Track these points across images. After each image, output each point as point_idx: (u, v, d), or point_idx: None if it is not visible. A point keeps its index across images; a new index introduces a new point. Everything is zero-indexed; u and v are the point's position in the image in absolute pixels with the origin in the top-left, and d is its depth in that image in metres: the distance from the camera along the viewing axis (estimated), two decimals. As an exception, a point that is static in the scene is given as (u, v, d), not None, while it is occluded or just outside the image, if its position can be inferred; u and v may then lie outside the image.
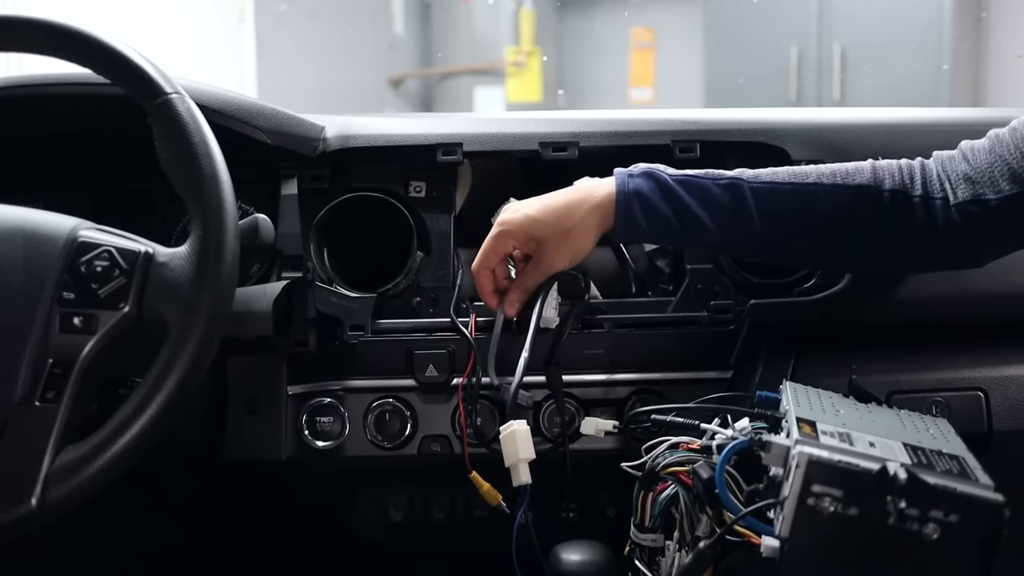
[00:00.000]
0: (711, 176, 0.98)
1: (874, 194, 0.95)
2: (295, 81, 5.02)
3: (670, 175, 0.98)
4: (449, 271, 1.16)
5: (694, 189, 0.97)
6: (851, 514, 0.70)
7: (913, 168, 0.97)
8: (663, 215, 0.96)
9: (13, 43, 0.90)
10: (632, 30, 5.96)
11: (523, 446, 1.01)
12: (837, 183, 0.96)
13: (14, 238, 0.85)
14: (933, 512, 0.69)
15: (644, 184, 0.97)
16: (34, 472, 0.78)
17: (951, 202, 0.94)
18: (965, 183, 0.93)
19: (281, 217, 1.14)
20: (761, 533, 0.75)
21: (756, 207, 0.96)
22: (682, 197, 0.96)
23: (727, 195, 0.96)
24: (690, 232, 0.97)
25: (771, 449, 0.74)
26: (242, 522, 1.39)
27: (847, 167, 0.97)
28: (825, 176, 0.97)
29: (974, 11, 4.53)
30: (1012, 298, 1.15)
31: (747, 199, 0.96)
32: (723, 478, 0.78)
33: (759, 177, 0.98)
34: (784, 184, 0.97)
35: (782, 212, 0.96)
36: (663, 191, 0.97)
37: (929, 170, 0.97)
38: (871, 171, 0.97)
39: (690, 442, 0.87)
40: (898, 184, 0.96)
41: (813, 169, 0.98)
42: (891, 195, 0.95)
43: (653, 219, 0.97)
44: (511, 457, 1.01)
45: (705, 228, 0.96)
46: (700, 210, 0.96)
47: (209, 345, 0.82)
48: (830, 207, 0.96)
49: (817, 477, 0.70)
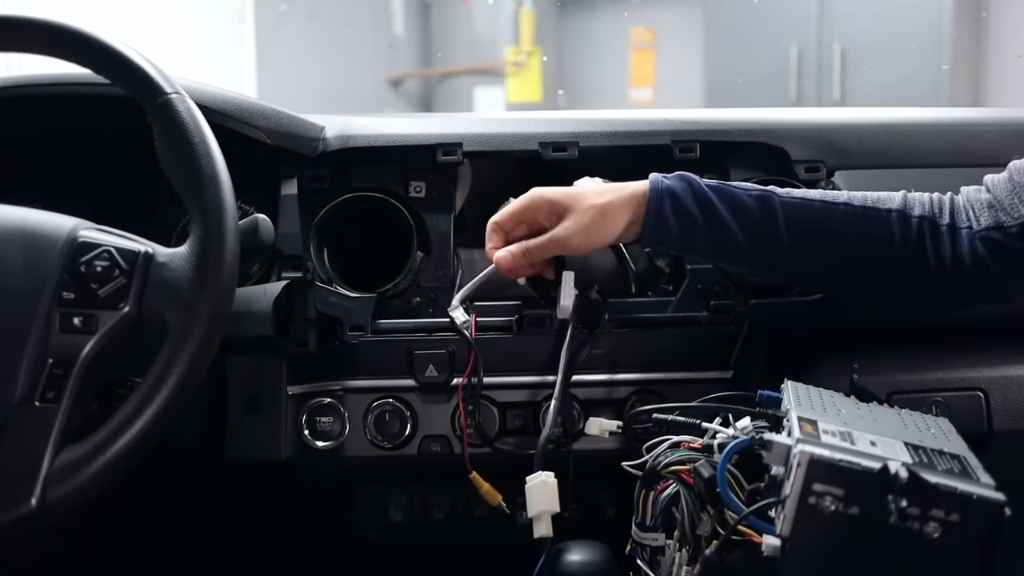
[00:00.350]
0: (743, 187, 0.99)
1: (903, 220, 0.96)
2: (295, 81, 5.02)
3: (704, 181, 0.99)
4: (449, 271, 1.16)
5: (726, 196, 0.97)
6: (852, 513, 0.70)
7: (943, 200, 0.98)
8: (693, 217, 0.97)
9: (13, 43, 0.90)
10: (632, 30, 5.96)
11: (550, 498, 0.99)
12: (867, 206, 0.97)
13: (14, 238, 0.85)
14: (934, 511, 0.69)
15: (677, 185, 0.98)
16: (34, 472, 0.78)
17: (975, 229, 0.95)
18: (988, 210, 0.95)
19: (281, 217, 1.14)
20: (762, 532, 0.75)
21: (785, 221, 0.97)
22: (713, 202, 0.97)
23: (757, 206, 0.97)
24: (718, 240, 0.97)
25: (772, 448, 0.74)
26: (242, 522, 1.39)
27: (879, 194, 0.99)
28: (856, 199, 0.98)
29: (974, 11, 4.53)
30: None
31: (777, 212, 0.97)
32: (724, 477, 0.78)
33: (791, 193, 0.98)
34: (814, 202, 0.98)
35: (810, 229, 0.97)
36: (695, 194, 0.97)
37: (956, 202, 0.98)
38: (902, 199, 0.98)
39: (691, 441, 0.86)
40: (927, 212, 0.97)
41: (845, 193, 0.99)
42: (919, 222, 0.96)
43: (683, 221, 0.97)
44: (536, 508, 0.99)
45: (733, 237, 0.97)
46: (730, 218, 0.97)
47: (209, 345, 0.81)
48: (858, 229, 0.96)
49: (818, 476, 0.70)
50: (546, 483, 0.99)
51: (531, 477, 1.00)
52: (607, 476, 1.01)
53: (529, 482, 1.00)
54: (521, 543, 1.04)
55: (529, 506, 0.99)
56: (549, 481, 0.99)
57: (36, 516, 0.78)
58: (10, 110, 1.15)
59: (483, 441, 1.11)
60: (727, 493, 0.78)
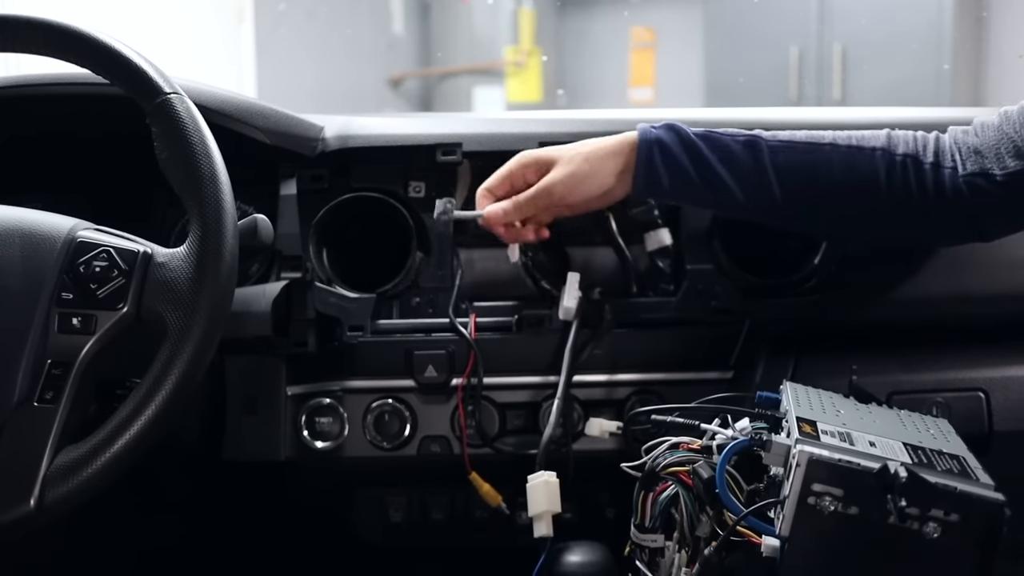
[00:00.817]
0: (730, 133, 0.99)
1: (887, 158, 0.97)
2: (294, 81, 5.02)
3: (692, 130, 0.99)
4: (448, 271, 1.16)
5: (715, 145, 0.98)
6: (851, 513, 0.70)
7: (927, 138, 0.99)
8: (683, 167, 0.97)
9: (11, 43, 0.89)
10: (632, 30, 5.95)
11: (551, 499, 0.98)
12: (852, 145, 0.98)
13: (12, 239, 0.85)
14: (933, 511, 0.69)
15: (665, 135, 0.98)
16: (33, 473, 0.78)
17: (959, 172, 0.96)
18: (974, 156, 0.96)
19: (280, 217, 1.14)
20: (761, 533, 0.74)
21: (772, 164, 0.97)
22: (703, 151, 0.97)
23: (746, 152, 0.98)
24: (709, 186, 0.98)
25: (772, 448, 0.74)
26: (241, 522, 1.39)
27: (863, 133, 0.99)
28: (841, 139, 0.99)
29: (975, 10, 4.52)
30: (1012, 298, 1.15)
31: (764, 157, 0.98)
32: (724, 478, 0.78)
33: (777, 136, 0.99)
34: (800, 144, 0.99)
35: (797, 169, 0.98)
36: (684, 144, 0.98)
37: (942, 141, 0.99)
38: (886, 137, 0.99)
39: (690, 442, 0.86)
40: (911, 151, 0.98)
41: (830, 133, 1.00)
42: (903, 159, 0.97)
43: (673, 171, 0.98)
44: (537, 507, 0.99)
45: (724, 186, 0.97)
46: (720, 166, 0.97)
47: (208, 346, 0.81)
48: (844, 168, 0.97)
49: (818, 476, 0.70)
50: (548, 483, 0.99)
51: (533, 476, 1.00)
52: (607, 477, 1.00)
53: (531, 481, 1.00)
54: (521, 543, 1.04)
55: (530, 505, 0.99)
56: (551, 481, 0.99)
57: (35, 516, 0.77)
58: (8, 110, 1.15)
59: (483, 441, 1.10)
60: (726, 494, 0.77)
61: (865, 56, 4.67)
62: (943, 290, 1.13)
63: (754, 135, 0.99)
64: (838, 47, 4.73)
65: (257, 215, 1.01)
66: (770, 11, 5.04)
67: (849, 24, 4.71)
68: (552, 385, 1.10)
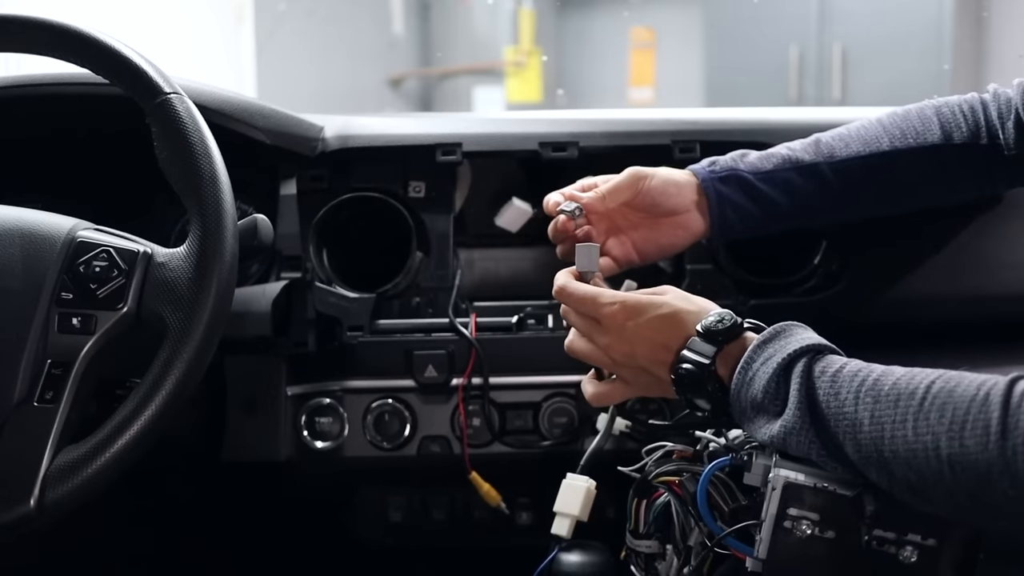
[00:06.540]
0: (792, 162, 0.99)
1: (947, 150, 0.98)
2: (294, 81, 5.02)
3: (753, 175, 0.98)
4: (448, 271, 1.16)
5: (778, 184, 0.98)
6: (828, 537, 0.70)
7: (976, 111, 0.99)
8: (754, 216, 0.98)
9: (11, 43, 0.89)
10: (632, 30, 5.95)
11: (584, 506, 0.94)
12: (911, 146, 0.98)
13: (12, 239, 0.84)
14: (910, 535, 0.68)
15: (729, 192, 0.97)
16: (32, 473, 0.78)
17: (1013, 121, 0.96)
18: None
19: (280, 217, 1.14)
20: (743, 552, 0.74)
21: (836, 181, 0.98)
22: (768, 195, 0.98)
23: (811, 183, 0.98)
24: (775, 220, 0.99)
25: (752, 468, 0.74)
26: (241, 522, 1.39)
27: (914, 123, 0.99)
28: (898, 140, 0.98)
29: (975, 11, 4.52)
30: (1012, 298, 1.14)
31: (828, 180, 0.98)
32: (704, 498, 0.77)
33: (835, 155, 0.99)
34: (860, 157, 0.99)
35: (863, 183, 0.99)
36: (752, 196, 0.98)
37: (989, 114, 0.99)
38: (939, 128, 0.98)
39: (684, 450, 0.86)
40: (967, 137, 0.98)
41: (884, 131, 0.99)
42: (962, 148, 0.98)
43: (745, 220, 0.98)
44: (567, 508, 0.94)
45: (790, 213, 0.99)
46: (785, 200, 0.98)
47: (208, 345, 0.81)
48: (908, 172, 0.99)
49: (794, 500, 0.70)
50: (589, 491, 0.95)
51: (573, 476, 0.96)
52: (606, 477, 1.00)
53: (571, 480, 0.95)
54: (521, 543, 1.03)
55: (560, 502, 0.95)
56: (591, 491, 0.95)
57: (35, 517, 0.77)
58: (8, 110, 1.15)
59: (483, 442, 1.10)
60: (706, 513, 0.77)
61: (865, 56, 4.67)
62: (943, 290, 1.13)
63: (814, 160, 0.98)
64: (838, 47, 4.73)
65: (257, 215, 1.00)
66: (770, 11, 5.04)
67: (849, 24, 4.71)
68: (552, 385, 1.10)
